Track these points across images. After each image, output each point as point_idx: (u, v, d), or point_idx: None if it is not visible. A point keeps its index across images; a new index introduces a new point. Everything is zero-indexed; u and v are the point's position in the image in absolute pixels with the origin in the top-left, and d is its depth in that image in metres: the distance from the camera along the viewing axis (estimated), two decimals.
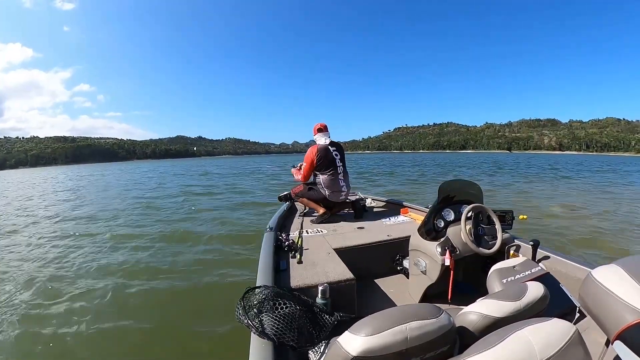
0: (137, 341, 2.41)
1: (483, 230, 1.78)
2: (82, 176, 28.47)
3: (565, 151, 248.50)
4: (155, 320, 2.68)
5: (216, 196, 10.35)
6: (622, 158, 73.38)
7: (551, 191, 10.30)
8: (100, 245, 4.88)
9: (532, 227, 5.06)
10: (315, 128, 3.01)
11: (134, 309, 2.87)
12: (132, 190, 13.75)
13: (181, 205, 8.66)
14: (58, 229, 6.24)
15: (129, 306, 2.93)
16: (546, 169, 22.39)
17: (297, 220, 2.86)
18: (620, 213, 6.53)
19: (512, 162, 35.54)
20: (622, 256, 0.79)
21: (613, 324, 0.68)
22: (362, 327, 0.71)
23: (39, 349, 2.34)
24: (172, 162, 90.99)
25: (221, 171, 26.49)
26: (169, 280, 3.45)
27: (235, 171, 25.65)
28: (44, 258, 4.30)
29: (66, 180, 23.70)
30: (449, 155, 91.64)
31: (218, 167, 35.37)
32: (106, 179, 23.15)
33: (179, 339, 2.40)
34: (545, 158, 55.50)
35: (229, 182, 15.61)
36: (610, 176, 16.13)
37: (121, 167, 51.45)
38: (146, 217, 7.07)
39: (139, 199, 10.37)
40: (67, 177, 29.39)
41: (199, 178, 19.48)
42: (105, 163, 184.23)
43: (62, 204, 10.27)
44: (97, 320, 2.68)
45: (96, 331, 2.53)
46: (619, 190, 10.44)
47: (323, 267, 1.73)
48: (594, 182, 12.94)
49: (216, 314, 2.65)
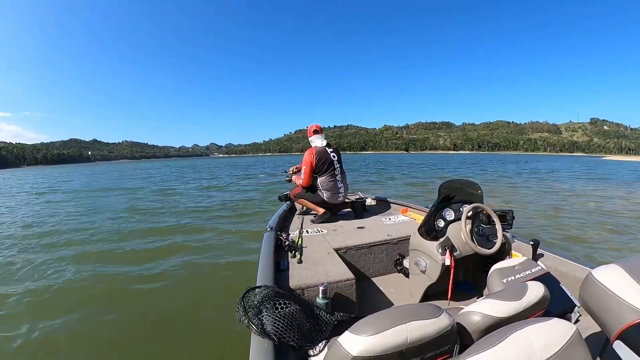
0: (137, 341, 2.41)
1: (483, 229, 1.78)
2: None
3: (459, 151, 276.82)
4: (155, 321, 2.68)
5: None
6: (520, 156, 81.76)
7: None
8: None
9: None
10: (311, 130, 2.95)
11: (134, 309, 2.87)
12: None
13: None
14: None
15: (129, 306, 2.93)
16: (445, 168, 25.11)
17: (297, 220, 2.86)
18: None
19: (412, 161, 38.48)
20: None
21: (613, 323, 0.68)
22: (363, 327, 0.71)
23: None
24: (62, 168, 75.35)
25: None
26: (169, 280, 3.46)
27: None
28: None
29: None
30: (350, 156, 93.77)
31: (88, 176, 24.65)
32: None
33: (179, 339, 2.40)
34: (439, 157, 59.10)
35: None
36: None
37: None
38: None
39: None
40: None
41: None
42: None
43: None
44: (96, 321, 2.69)
45: (96, 331, 2.54)
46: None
47: (323, 266, 1.72)
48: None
49: (216, 314, 2.66)
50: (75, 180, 22.61)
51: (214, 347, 2.27)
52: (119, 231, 5.80)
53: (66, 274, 3.69)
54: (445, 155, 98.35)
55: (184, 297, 3.07)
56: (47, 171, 54.21)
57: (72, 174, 32.76)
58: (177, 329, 2.53)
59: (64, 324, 2.63)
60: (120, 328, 2.58)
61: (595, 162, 42.73)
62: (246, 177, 15.83)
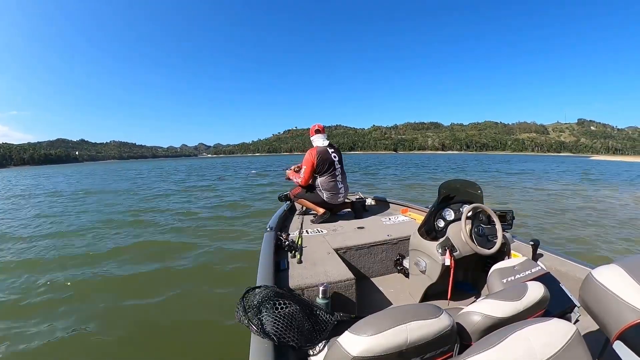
0: (137, 341, 2.42)
1: (483, 230, 1.77)
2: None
3: (448, 151, 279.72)
4: (155, 321, 2.68)
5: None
6: (507, 156, 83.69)
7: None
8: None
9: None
10: (313, 129, 2.96)
11: (133, 309, 2.87)
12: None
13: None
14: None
15: (129, 307, 2.93)
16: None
17: (297, 220, 2.86)
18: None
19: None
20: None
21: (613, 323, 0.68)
22: (362, 327, 0.71)
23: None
24: (50, 169, 69.64)
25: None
26: (168, 280, 3.46)
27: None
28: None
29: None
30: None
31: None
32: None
33: (179, 339, 2.40)
34: (427, 157, 59.62)
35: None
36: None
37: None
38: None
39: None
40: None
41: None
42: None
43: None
44: (97, 319, 2.69)
45: (97, 330, 2.54)
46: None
47: (323, 267, 1.72)
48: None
49: (216, 314, 2.66)
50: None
51: (214, 347, 2.27)
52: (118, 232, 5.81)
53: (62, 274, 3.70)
54: (433, 155, 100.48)
55: (183, 297, 3.06)
56: (34, 172, 50.21)
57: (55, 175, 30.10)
58: (176, 329, 2.53)
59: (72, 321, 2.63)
60: (120, 329, 2.58)
61: (585, 162, 44.15)
62: (263, 173, 16.17)
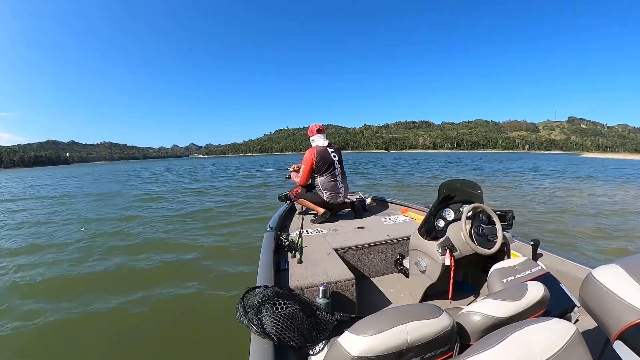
0: (137, 341, 2.42)
1: (483, 229, 1.77)
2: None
3: (439, 150, 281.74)
4: (155, 321, 2.68)
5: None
6: (498, 154, 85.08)
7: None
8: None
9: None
10: (313, 129, 2.96)
11: (133, 310, 2.86)
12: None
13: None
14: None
15: (129, 307, 2.93)
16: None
17: (297, 220, 2.86)
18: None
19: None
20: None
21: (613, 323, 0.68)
22: (362, 327, 0.71)
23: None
24: (41, 171, 67.72)
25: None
26: (168, 280, 3.45)
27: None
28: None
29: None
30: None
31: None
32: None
33: (179, 339, 2.40)
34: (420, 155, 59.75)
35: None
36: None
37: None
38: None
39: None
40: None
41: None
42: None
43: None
44: (97, 319, 2.69)
45: (96, 331, 2.54)
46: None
47: (323, 267, 1.72)
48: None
49: (216, 314, 2.66)
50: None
51: (213, 348, 2.27)
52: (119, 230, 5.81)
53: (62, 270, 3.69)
54: (425, 154, 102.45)
55: (183, 298, 3.06)
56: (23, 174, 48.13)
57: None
58: (176, 329, 2.53)
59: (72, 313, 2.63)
60: (120, 329, 2.58)
61: (576, 160, 44.12)
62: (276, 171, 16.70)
